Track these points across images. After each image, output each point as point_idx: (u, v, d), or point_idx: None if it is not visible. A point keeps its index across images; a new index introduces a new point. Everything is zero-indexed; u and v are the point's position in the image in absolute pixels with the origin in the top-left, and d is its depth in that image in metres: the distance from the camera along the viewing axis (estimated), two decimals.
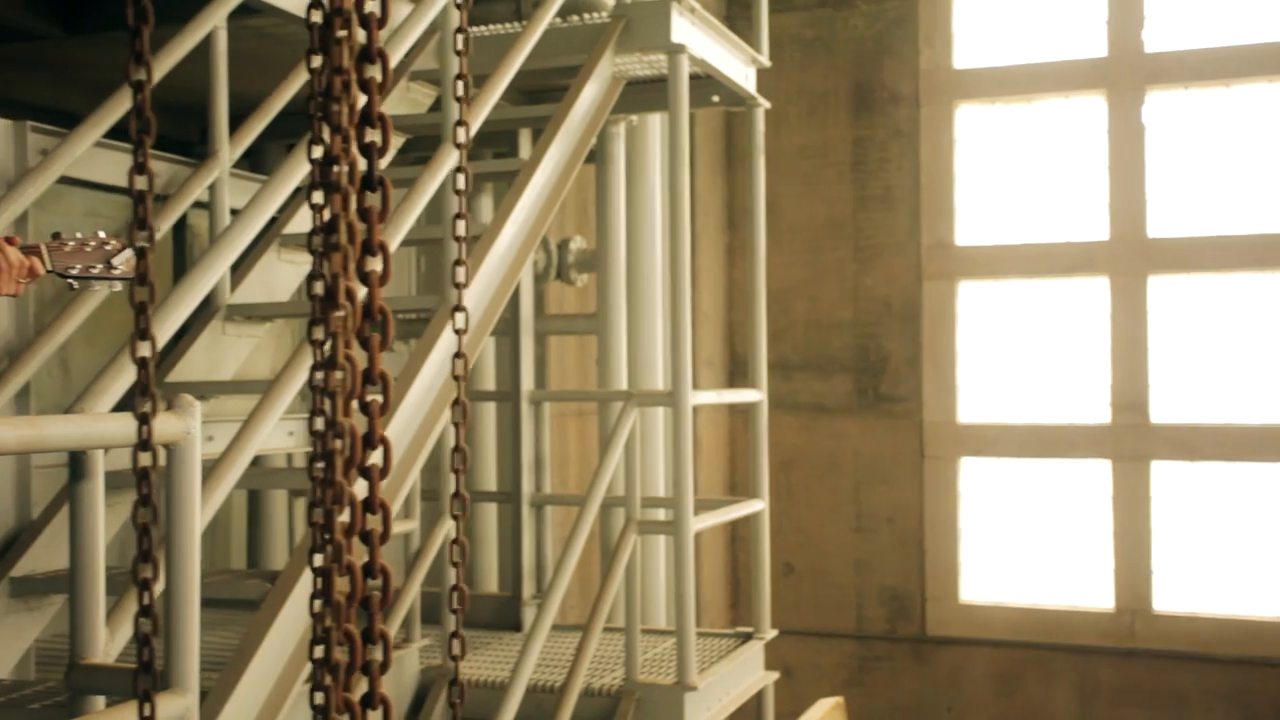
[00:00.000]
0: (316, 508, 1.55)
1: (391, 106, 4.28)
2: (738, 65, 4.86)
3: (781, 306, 7.98)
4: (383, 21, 1.57)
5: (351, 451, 1.45)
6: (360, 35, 1.54)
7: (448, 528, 4.57)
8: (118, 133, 3.27)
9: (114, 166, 3.33)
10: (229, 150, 3.50)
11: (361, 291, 1.51)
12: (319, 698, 1.57)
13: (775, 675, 5.08)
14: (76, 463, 2.09)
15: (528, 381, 5.29)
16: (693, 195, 7.73)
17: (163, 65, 3.27)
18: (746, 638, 5.05)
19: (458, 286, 1.84)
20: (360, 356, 1.49)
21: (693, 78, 4.38)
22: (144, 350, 1.40)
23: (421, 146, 4.52)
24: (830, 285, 8.07)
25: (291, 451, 4.40)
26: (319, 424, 1.47)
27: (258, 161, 5.00)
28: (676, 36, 4.19)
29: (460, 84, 2.12)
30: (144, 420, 1.42)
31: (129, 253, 2.22)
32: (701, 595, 7.67)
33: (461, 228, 2.00)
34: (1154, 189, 7.46)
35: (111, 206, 3.34)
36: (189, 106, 5.30)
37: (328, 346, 1.47)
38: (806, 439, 8.13)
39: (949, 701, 7.65)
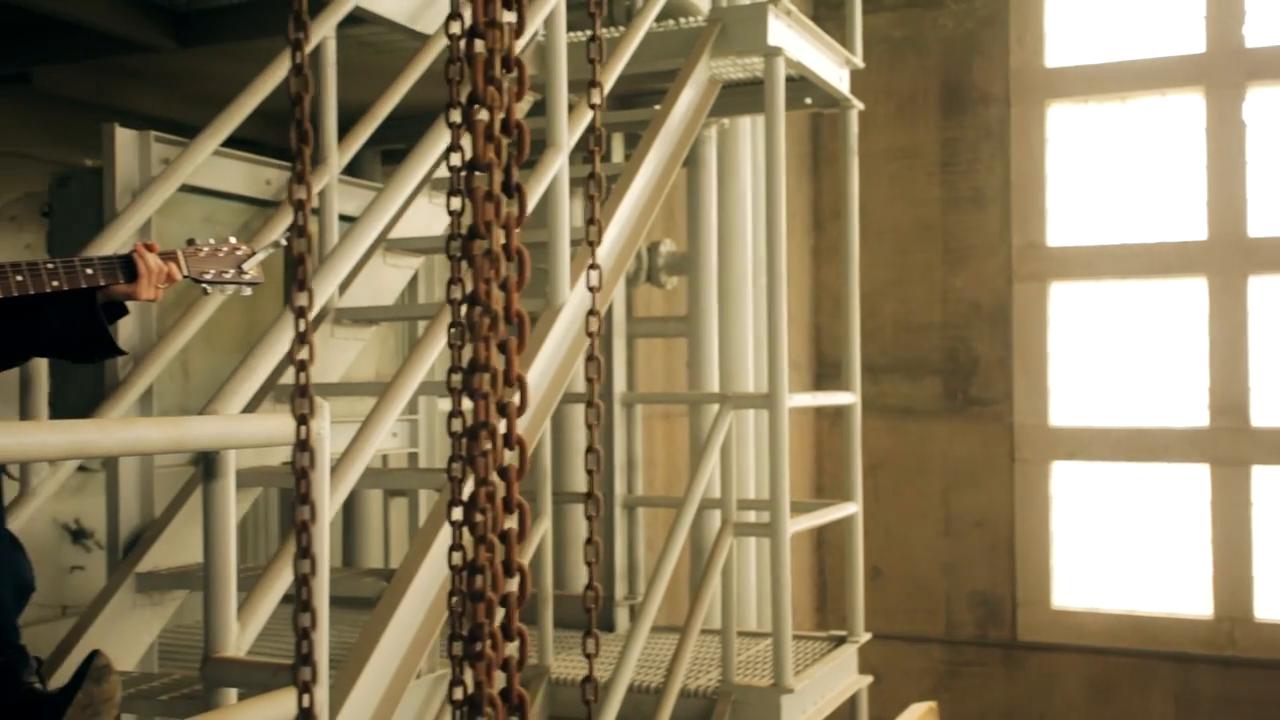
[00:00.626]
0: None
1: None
2: (831, 67, 4.84)
3: (869, 308, 7.91)
4: (519, 31, 1.60)
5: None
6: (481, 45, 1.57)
7: (543, 529, 4.63)
8: (233, 141, 3.37)
9: (231, 174, 3.42)
10: (337, 157, 3.57)
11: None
12: (458, 693, 1.61)
13: (869, 679, 5.06)
14: (209, 463, 2.15)
15: (620, 384, 5.33)
16: (771, 197, 7.72)
17: (276, 75, 3.34)
18: (839, 641, 5.03)
19: (593, 290, 1.86)
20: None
21: (786, 80, 4.38)
22: (302, 354, 1.45)
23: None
24: (919, 287, 8.00)
25: (387, 454, 4.47)
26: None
27: (353, 167, 5.10)
28: (773, 39, 4.20)
29: (588, 92, 2.15)
30: (303, 421, 1.46)
31: (258, 257, 2.28)
32: (760, 598, 7.66)
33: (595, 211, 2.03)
34: (1255, 187, 7.29)
35: (227, 213, 3.43)
36: (286, 114, 5.42)
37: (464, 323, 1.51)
38: (894, 442, 8.07)
39: (1041, 708, 7.54)
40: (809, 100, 5.04)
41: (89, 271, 2.06)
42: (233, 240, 2.29)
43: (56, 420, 2.75)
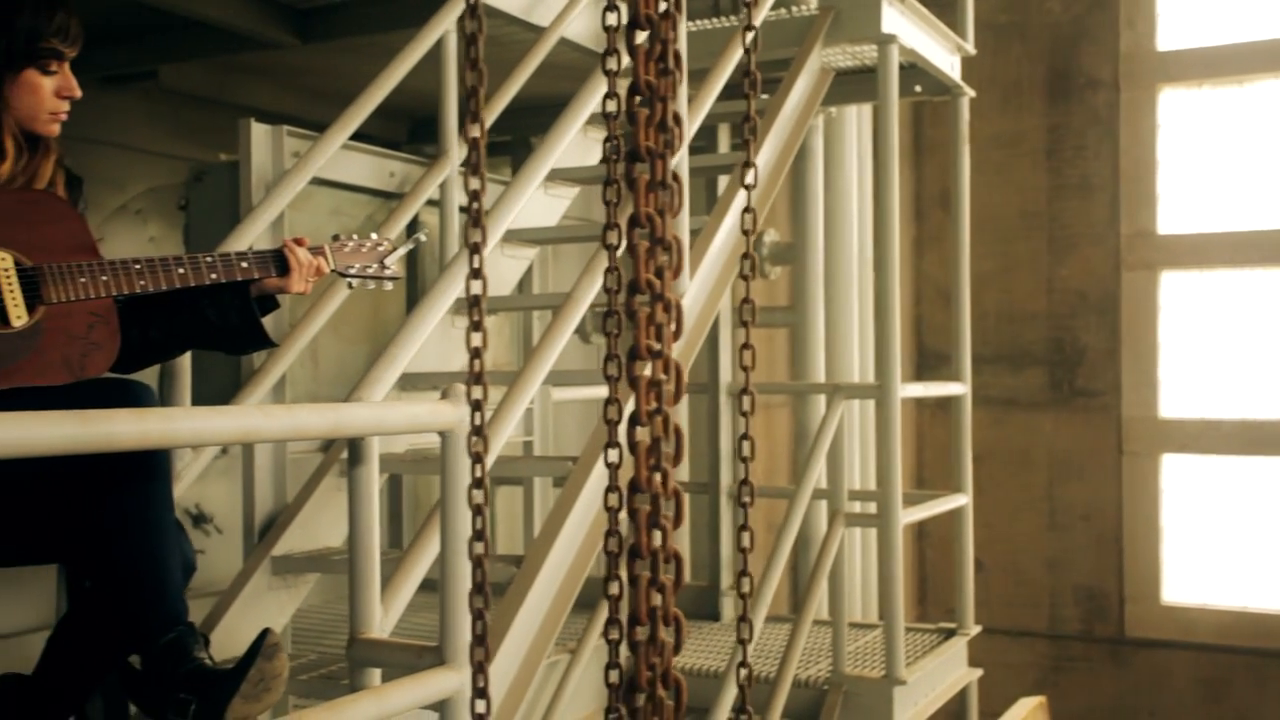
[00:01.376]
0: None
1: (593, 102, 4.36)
2: (942, 54, 4.79)
3: (972, 298, 7.83)
4: (675, 22, 1.61)
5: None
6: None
7: None
8: (359, 135, 3.44)
9: (357, 167, 3.49)
10: (457, 150, 3.63)
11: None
12: (614, 676, 1.63)
13: (979, 672, 5.01)
14: (354, 449, 2.20)
15: (726, 374, 5.34)
16: (883, 187, 7.65)
17: (399, 69, 3.40)
18: (948, 634, 4.99)
19: (746, 279, 1.87)
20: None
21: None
22: (476, 340, 1.48)
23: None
24: (1023, 276, 7.88)
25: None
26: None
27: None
28: (887, 27, 4.16)
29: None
30: (477, 407, 1.50)
31: (399, 252, 2.33)
32: (866, 590, 7.59)
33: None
34: None
35: (353, 204, 3.50)
36: (396, 107, 5.51)
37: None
38: (997, 433, 7.96)
39: (1150, 706, 7.39)
40: (918, 88, 4.99)
41: (244, 265, 2.13)
42: (374, 236, 2.34)
43: (226, 406, 2.85)
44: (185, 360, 2.87)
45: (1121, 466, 7.55)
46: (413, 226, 3.63)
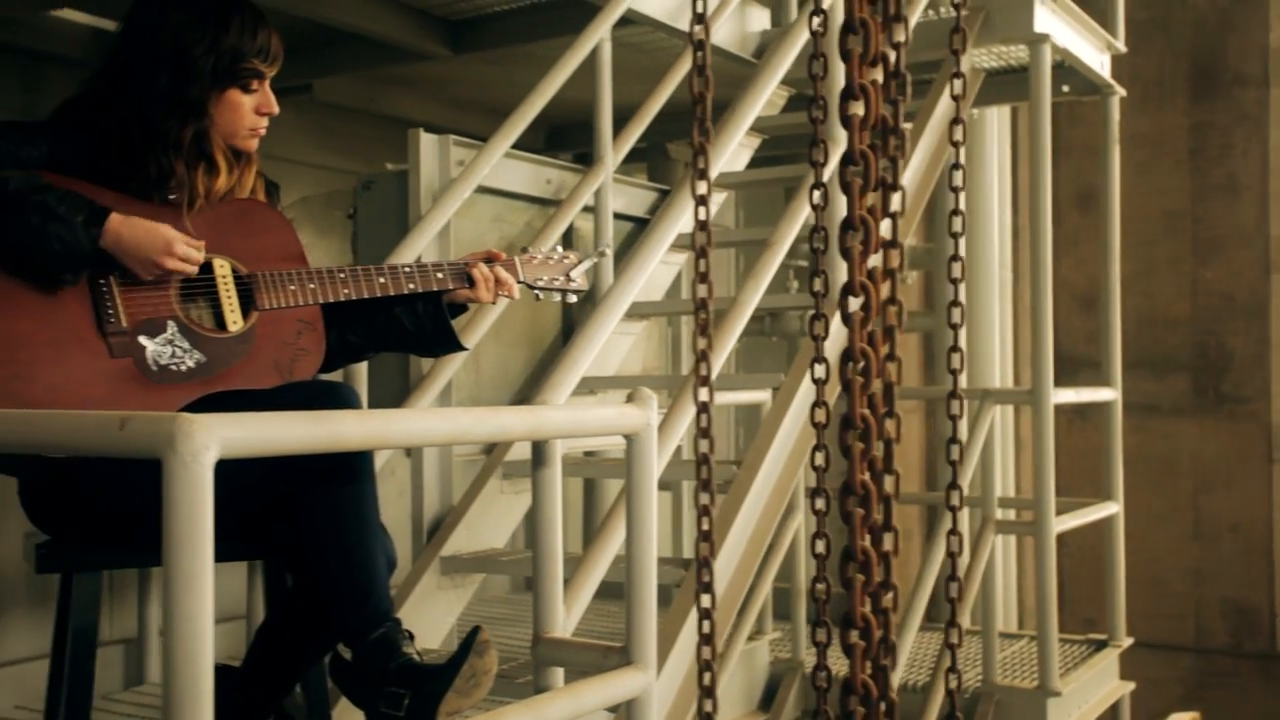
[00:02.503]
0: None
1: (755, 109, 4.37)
2: (1093, 52, 4.69)
3: (1102, 303, 7.64)
4: (887, 24, 1.61)
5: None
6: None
7: (797, 522, 4.64)
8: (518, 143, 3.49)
9: (516, 174, 3.55)
10: (611, 156, 3.67)
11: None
12: (821, 678, 1.63)
13: (1131, 686, 4.89)
14: (538, 451, 2.23)
15: None
16: (1016, 189, 7.52)
17: (558, 78, 3.45)
18: (1098, 645, 4.88)
19: (956, 281, 1.86)
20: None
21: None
22: (701, 344, 1.50)
23: (774, 146, 4.61)
24: (1164, 279, 7.66)
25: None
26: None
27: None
28: (1040, 26, 4.09)
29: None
30: (704, 409, 1.51)
31: (584, 266, 2.36)
32: (1024, 599, 7.45)
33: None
34: None
35: (513, 212, 3.56)
36: (544, 116, 5.59)
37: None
38: (1137, 440, 7.72)
39: None
40: (1066, 88, 4.89)
41: (439, 275, 2.18)
42: (560, 249, 2.38)
43: (440, 409, 2.93)
44: (362, 365, 2.95)
45: (1272, 475, 7.29)
46: (569, 233, 3.68)
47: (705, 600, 1.52)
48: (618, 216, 3.73)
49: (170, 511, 1.39)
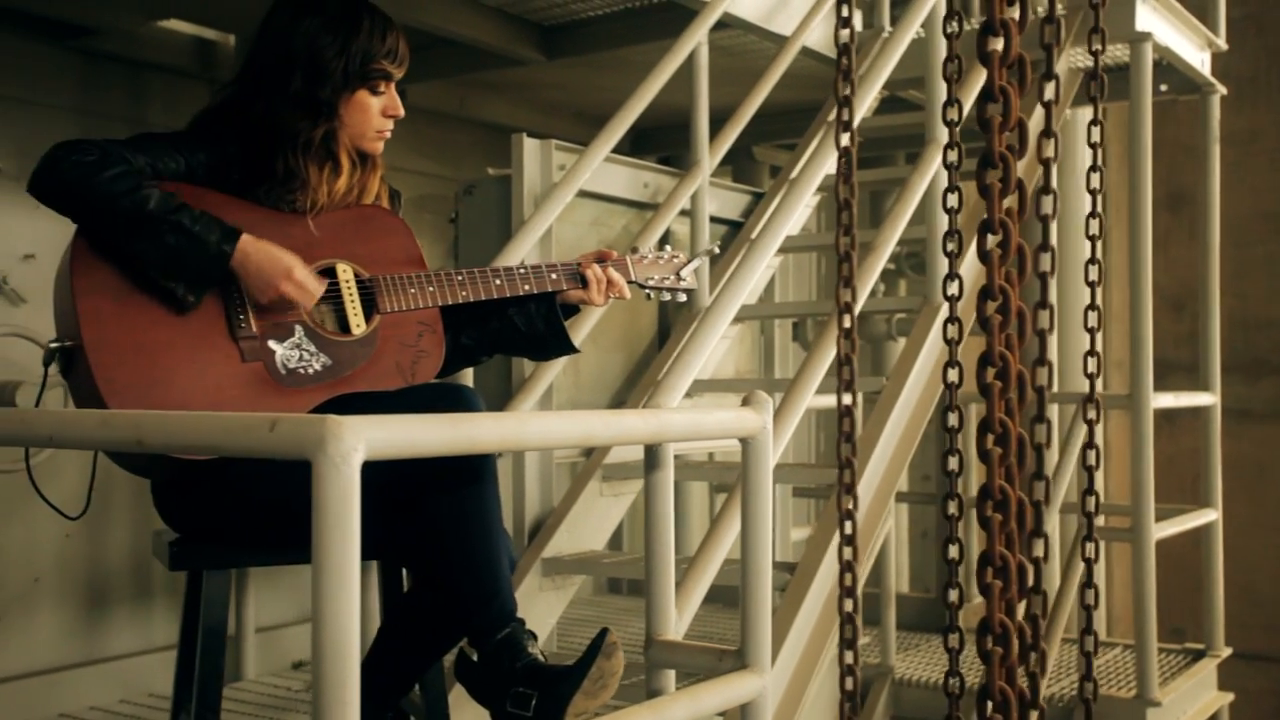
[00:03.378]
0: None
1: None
2: (1193, 50, 4.61)
3: (1202, 305, 7.48)
4: (1022, 25, 1.60)
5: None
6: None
7: (887, 526, 4.60)
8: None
9: (614, 178, 3.57)
10: (708, 160, 3.67)
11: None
12: (953, 684, 1.62)
13: (1230, 697, 4.78)
14: (651, 454, 2.24)
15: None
16: (1105, 190, 7.38)
17: (656, 82, 3.45)
18: (1196, 655, 4.78)
19: (1092, 283, 1.83)
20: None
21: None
22: (844, 348, 1.50)
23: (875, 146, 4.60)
24: (1258, 281, 7.49)
25: (713, 450, 4.56)
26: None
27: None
28: (1141, 24, 4.03)
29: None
30: (847, 413, 1.51)
31: (694, 264, 2.37)
32: (1112, 606, 7.31)
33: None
34: None
35: (611, 215, 3.58)
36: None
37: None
38: (1228, 446, 7.54)
39: None
40: (1164, 87, 4.81)
41: (554, 277, 2.20)
42: (669, 248, 2.39)
43: (568, 411, 2.96)
44: (467, 370, 2.98)
45: None
46: (664, 237, 3.69)
47: (849, 605, 1.52)
48: (713, 220, 3.73)
49: (320, 511, 1.42)
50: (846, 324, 1.53)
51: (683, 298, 2.38)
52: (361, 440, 1.43)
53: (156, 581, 4.48)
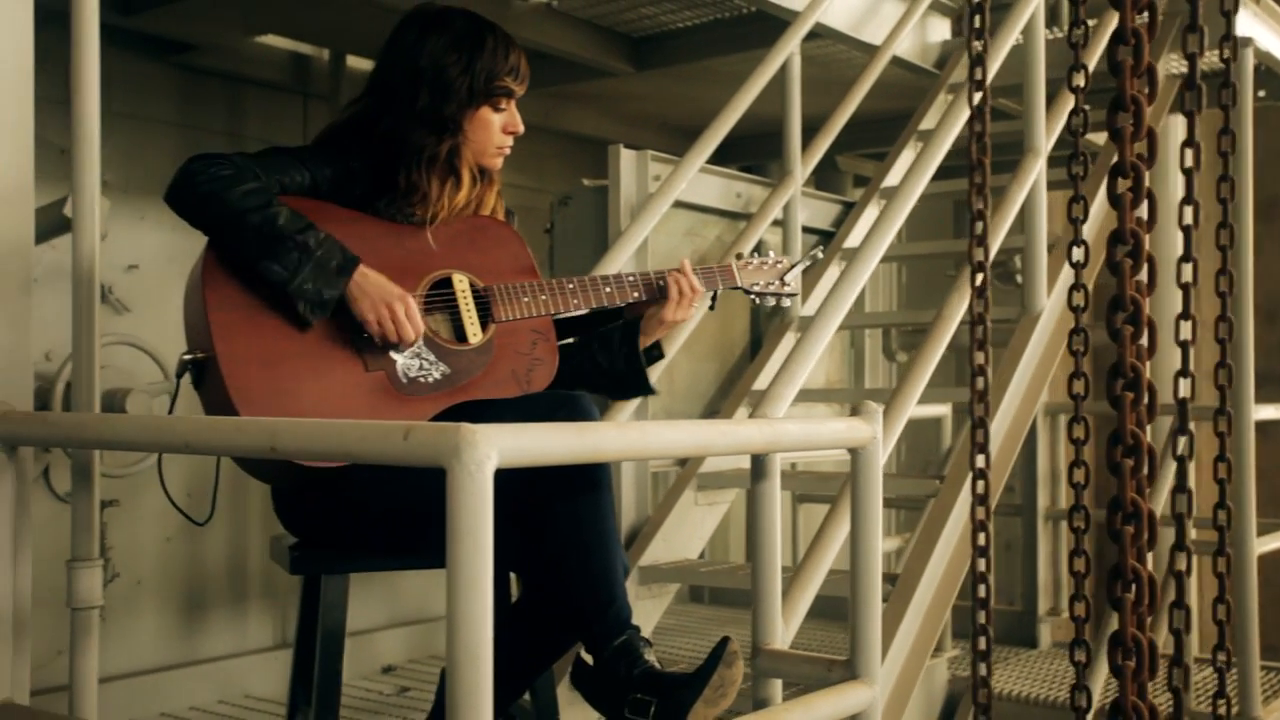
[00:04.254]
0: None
1: (931, 121, 4.33)
2: None
3: None
4: (1152, 33, 1.59)
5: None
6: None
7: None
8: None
9: (707, 188, 3.59)
10: (800, 169, 3.67)
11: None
12: (1080, 698, 1.61)
13: None
14: (758, 464, 2.24)
15: (1043, 393, 5.17)
16: (1238, 199, 7.24)
17: (750, 92, 3.46)
18: None
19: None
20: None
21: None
22: (979, 358, 1.50)
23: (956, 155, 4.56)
24: None
25: (795, 460, 4.55)
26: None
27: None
28: (1242, 29, 3.96)
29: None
30: (980, 424, 1.51)
31: (798, 269, 2.37)
32: (1203, 622, 7.18)
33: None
34: None
35: (704, 225, 3.60)
36: (698, 127, 5.63)
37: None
38: None
39: None
40: (1262, 92, 4.72)
41: (661, 284, 2.22)
42: (773, 254, 2.39)
43: (685, 421, 2.99)
44: None
45: None
46: (757, 247, 3.69)
47: (981, 616, 1.51)
48: (804, 229, 3.73)
49: (454, 518, 1.44)
50: (980, 335, 1.52)
51: (787, 303, 2.38)
52: (495, 448, 1.45)
53: (252, 585, 4.57)
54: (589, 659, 1.96)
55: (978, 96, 1.50)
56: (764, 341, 3.72)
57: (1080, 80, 1.60)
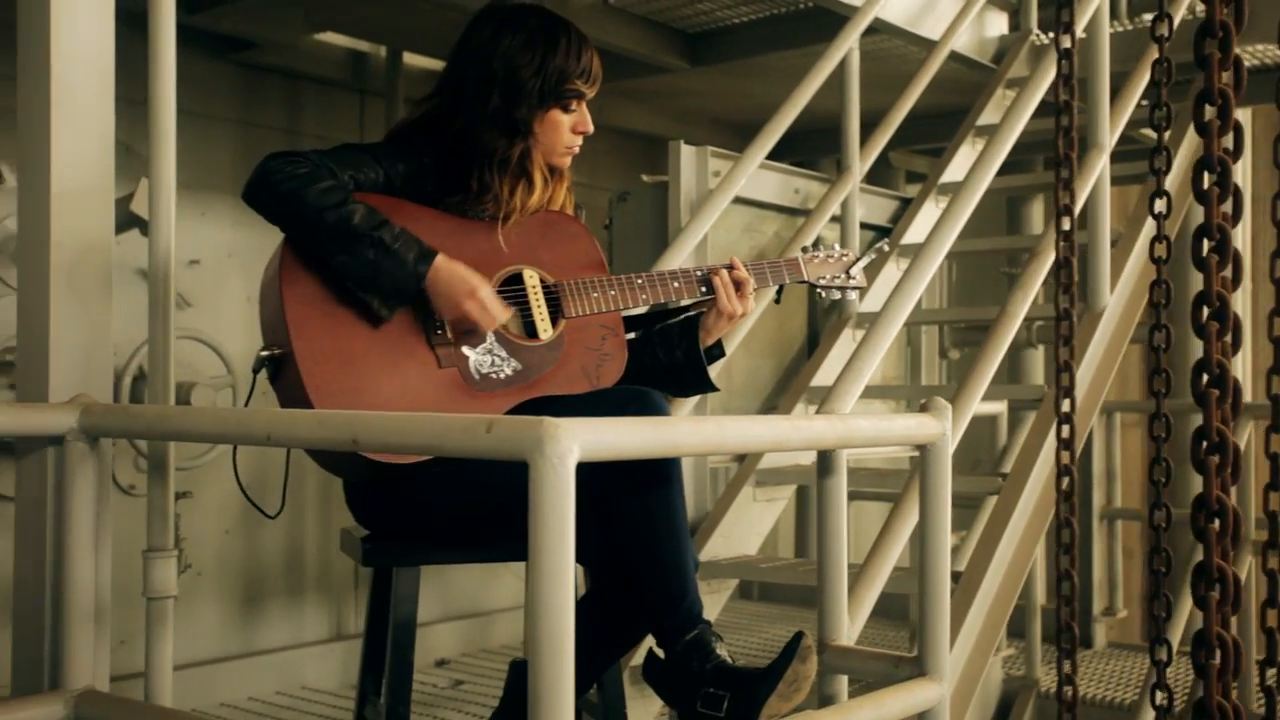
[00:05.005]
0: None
1: (988, 116, 4.31)
2: None
3: None
4: (1239, 25, 1.57)
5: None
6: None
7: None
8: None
9: (766, 184, 3.58)
10: (858, 165, 3.66)
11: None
12: (1160, 697, 1.60)
13: None
14: (824, 461, 2.25)
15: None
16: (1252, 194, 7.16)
17: (808, 89, 3.45)
18: None
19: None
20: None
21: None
22: (1064, 354, 1.49)
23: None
24: None
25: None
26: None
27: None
28: None
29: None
30: (1066, 420, 1.51)
31: (864, 262, 2.37)
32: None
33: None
34: None
35: (762, 221, 3.60)
36: (745, 123, 5.61)
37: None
38: None
39: None
40: None
41: (703, 290, 2.21)
42: (838, 247, 2.39)
43: (760, 416, 3.00)
44: None
45: None
46: (815, 243, 3.68)
47: (1065, 614, 1.51)
48: (862, 225, 3.72)
49: (536, 511, 1.46)
50: (1065, 331, 1.51)
51: (852, 296, 2.38)
52: (576, 442, 1.46)
53: (308, 578, 4.62)
54: (660, 653, 1.97)
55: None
56: (821, 338, 3.71)
57: (1162, 73, 1.58)
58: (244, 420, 1.78)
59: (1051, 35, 2.20)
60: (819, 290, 2.35)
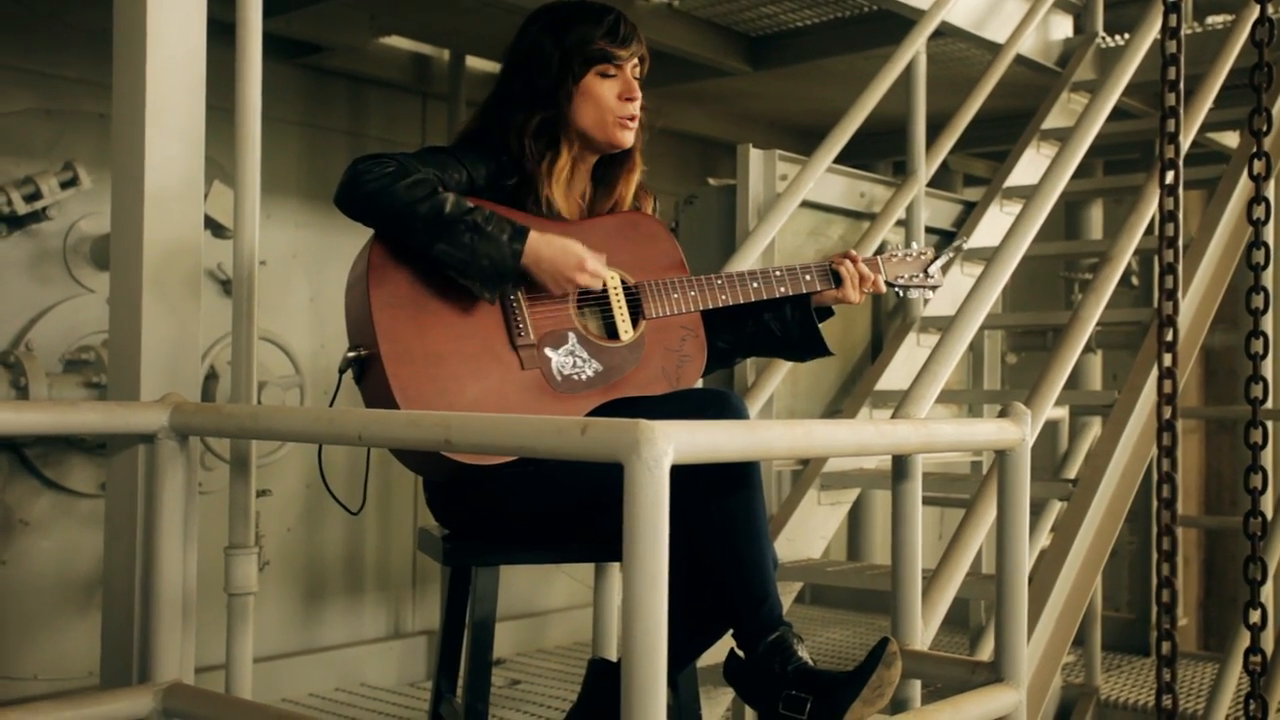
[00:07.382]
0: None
1: (1053, 120, 4.28)
2: None
3: None
4: None
5: None
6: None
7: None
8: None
9: (832, 188, 3.58)
10: (924, 169, 3.65)
11: None
12: (1255, 708, 1.59)
13: None
14: (899, 465, 2.24)
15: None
16: None
17: (876, 91, 3.44)
18: None
19: None
20: None
21: None
22: (1167, 360, 1.49)
23: None
24: None
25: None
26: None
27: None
28: None
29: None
30: (1168, 427, 1.50)
31: (942, 261, 2.36)
32: None
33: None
34: None
35: (828, 224, 3.60)
36: (804, 126, 5.60)
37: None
38: None
39: None
40: None
41: (808, 278, 2.22)
42: (915, 246, 2.38)
43: (847, 420, 3.01)
44: None
45: None
46: (881, 247, 3.68)
47: (1165, 621, 1.50)
48: (925, 229, 3.72)
49: (631, 512, 1.47)
50: (1169, 337, 1.51)
51: (930, 295, 2.37)
52: (671, 444, 1.47)
53: (368, 577, 4.67)
54: (741, 654, 1.98)
55: (1170, 98, 1.48)
56: (885, 342, 3.70)
57: (1263, 79, 1.57)
58: (336, 420, 1.81)
59: (1126, 37, 2.20)
60: (897, 290, 2.35)
